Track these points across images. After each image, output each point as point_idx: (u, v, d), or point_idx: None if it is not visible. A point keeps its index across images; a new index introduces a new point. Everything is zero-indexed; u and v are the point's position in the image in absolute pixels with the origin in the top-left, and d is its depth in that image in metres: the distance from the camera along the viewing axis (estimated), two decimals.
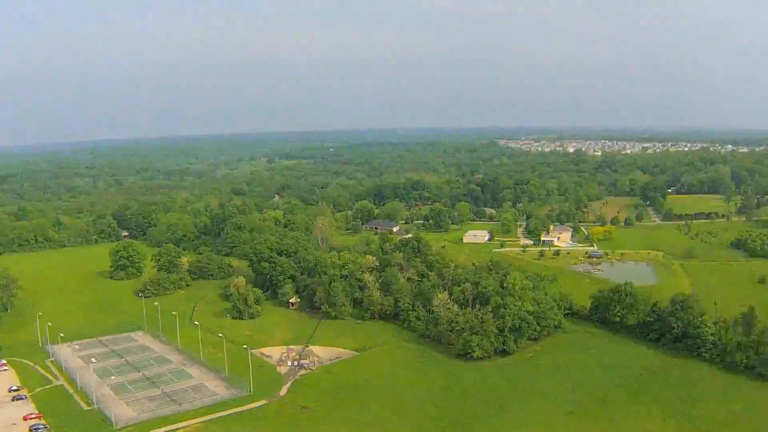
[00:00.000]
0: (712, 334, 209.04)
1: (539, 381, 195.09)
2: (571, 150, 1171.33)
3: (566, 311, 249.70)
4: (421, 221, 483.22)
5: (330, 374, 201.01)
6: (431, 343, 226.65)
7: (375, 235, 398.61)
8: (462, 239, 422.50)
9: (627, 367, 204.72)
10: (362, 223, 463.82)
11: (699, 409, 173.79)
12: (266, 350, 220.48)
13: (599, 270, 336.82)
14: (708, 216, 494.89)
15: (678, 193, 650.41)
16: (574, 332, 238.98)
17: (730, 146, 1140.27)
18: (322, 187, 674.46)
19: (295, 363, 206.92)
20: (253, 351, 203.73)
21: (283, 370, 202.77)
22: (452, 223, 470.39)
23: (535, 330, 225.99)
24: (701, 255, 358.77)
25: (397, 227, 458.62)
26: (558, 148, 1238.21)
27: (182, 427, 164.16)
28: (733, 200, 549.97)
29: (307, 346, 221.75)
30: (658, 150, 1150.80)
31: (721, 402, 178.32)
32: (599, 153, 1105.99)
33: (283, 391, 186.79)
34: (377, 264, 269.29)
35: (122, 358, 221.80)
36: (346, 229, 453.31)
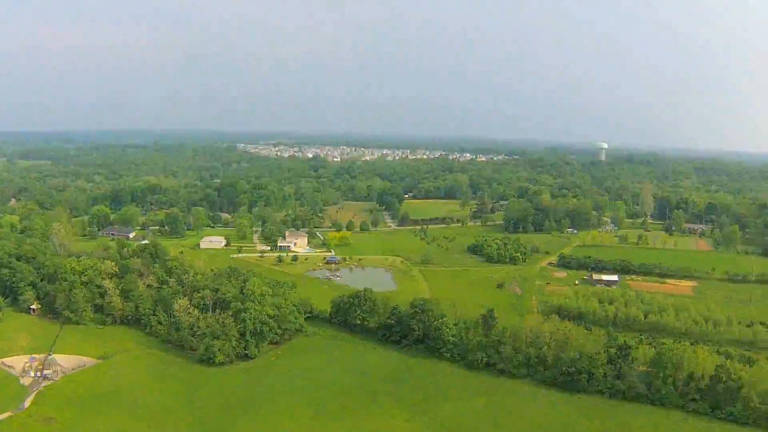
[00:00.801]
0: (452, 335, 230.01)
1: (283, 384, 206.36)
2: (310, 155, 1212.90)
3: (307, 315, 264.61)
4: (157, 227, 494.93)
5: (74, 383, 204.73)
6: (174, 348, 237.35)
7: (112, 241, 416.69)
8: (199, 245, 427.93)
9: (370, 369, 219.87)
10: (99, 229, 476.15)
11: (444, 408, 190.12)
12: (8, 360, 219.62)
13: (338, 276, 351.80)
14: (443, 221, 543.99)
15: (415, 198, 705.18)
16: (316, 335, 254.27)
17: (468, 155, 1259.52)
18: (61, 190, 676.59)
19: (39, 373, 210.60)
20: None
21: (26, 381, 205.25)
22: (188, 229, 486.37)
23: (277, 333, 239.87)
24: (439, 260, 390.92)
25: (133, 233, 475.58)
26: (297, 154, 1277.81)
27: None
28: (469, 205, 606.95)
29: (50, 355, 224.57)
30: (397, 157, 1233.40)
31: (465, 399, 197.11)
32: (338, 159, 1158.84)
33: (28, 402, 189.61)
34: (117, 270, 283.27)
35: None
36: (83, 235, 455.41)
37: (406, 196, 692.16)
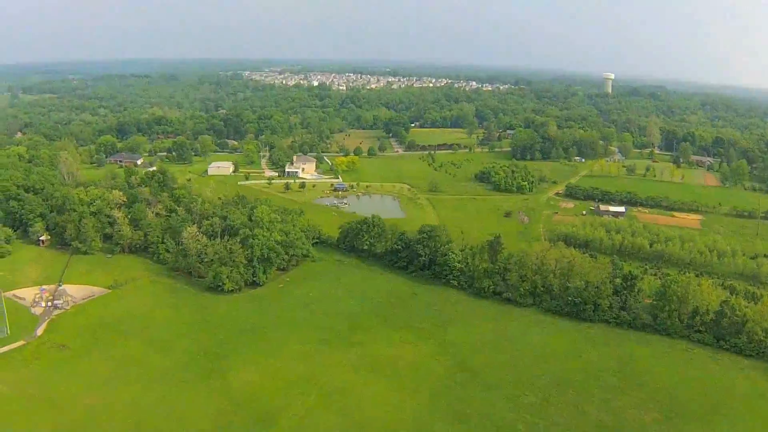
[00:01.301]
0: (458, 261, 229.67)
1: (291, 310, 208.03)
2: (316, 83, 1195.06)
3: (315, 240, 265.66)
4: (165, 153, 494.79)
5: (85, 313, 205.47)
6: (182, 276, 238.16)
7: (119, 168, 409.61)
8: (207, 171, 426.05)
9: (377, 294, 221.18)
10: (106, 157, 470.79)
11: (450, 332, 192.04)
12: (19, 292, 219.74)
13: (346, 204, 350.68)
14: (451, 146, 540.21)
15: (422, 128, 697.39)
16: (323, 261, 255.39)
17: (474, 83, 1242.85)
18: (66, 124, 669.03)
19: (49, 303, 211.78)
20: (6, 294, 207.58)
21: (37, 311, 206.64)
22: (195, 155, 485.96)
23: (284, 259, 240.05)
24: (447, 188, 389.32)
25: (141, 159, 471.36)
26: (302, 81, 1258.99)
27: None
28: (476, 133, 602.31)
29: (60, 286, 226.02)
30: (403, 85, 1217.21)
31: (472, 325, 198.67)
32: (344, 87, 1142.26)
33: (40, 330, 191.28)
34: (125, 199, 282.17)
35: None
36: (91, 163, 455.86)
37: (413, 125, 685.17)
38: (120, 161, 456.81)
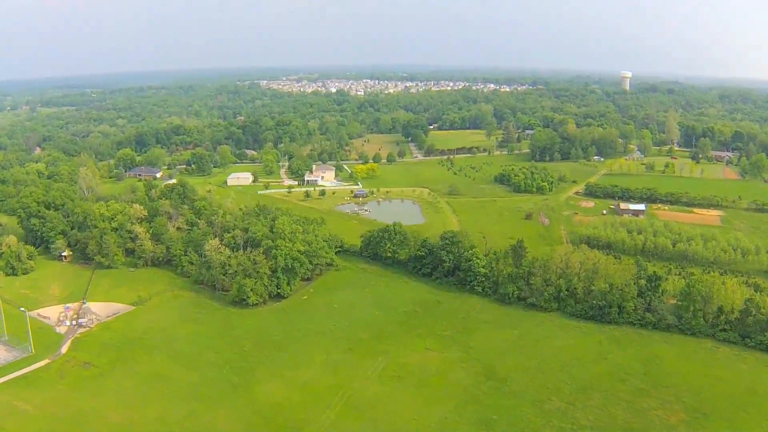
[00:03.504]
0: (483, 266, 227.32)
1: (316, 321, 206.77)
2: (334, 90, 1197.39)
3: (337, 249, 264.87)
4: (184, 165, 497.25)
5: (109, 330, 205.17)
6: (206, 289, 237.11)
7: (139, 181, 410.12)
8: (226, 182, 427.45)
9: (402, 302, 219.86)
10: (125, 171, 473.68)
11: (475, 340, 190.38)
12: (44, 311, 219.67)
13: (366, 210, 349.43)
14: (470, 150, 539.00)
15: (440, 129, 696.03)
16: (347, 269, 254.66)
17: (492, 85, 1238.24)
18: (84, 136, 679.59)
19: (74, 322, 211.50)
20: (30, 313, 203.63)
21: (62, 330, 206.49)
22: (214, 167, 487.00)
23: (308, 269, 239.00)
24: (467, 191, 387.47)
25: (160, 172, 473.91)
26: (320, 89, 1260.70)
27: None
28: (495, 135, 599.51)
29: (84, 304, 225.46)
30: (421, 89, 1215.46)
31: (497, 330, 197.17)
32: (362, 93, 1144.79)
33: (64, 349, 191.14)
34: (146, 214, 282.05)
35: None
36: (110, 177, 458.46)
37: (431, 127, 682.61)
38: (139, 175, 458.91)
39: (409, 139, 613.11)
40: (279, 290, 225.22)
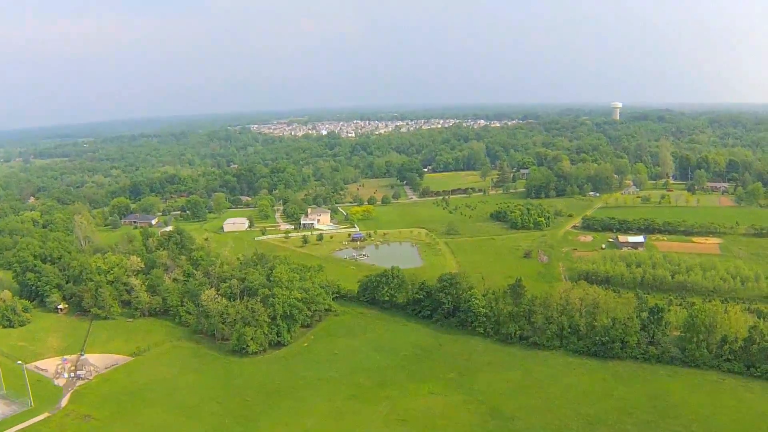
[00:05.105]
0: (482, 307, 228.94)
1: (318, 369, 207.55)
2: (325, 132, 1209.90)
3: (335, 295, 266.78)
4: (179, 212, 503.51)
5: (108, 382, 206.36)
6: (205, 339, 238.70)
7: (135, 229, 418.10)
8: (222, 228, 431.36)
9: (403, 347, 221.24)
10: (120, 218, 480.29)
11: (479, 381, 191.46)
12: (41, 363, 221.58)
13: (365, 256, 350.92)
14: (465, 191, 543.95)
15: (434, 171, 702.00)
16: (346, 314, 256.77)
17: (482, 121, 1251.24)
18: (78, 186, 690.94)
19: (72, 374, 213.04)
20: (27, 366, 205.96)
21: (60, 382, 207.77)
22: (209, 212, 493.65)
23: (307, 316, 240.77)
24: (464, 230, 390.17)
25: (155, 219, 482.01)
26: (311, 131, 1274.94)
27: None
28: (490, 175, 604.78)
29: (82, 356, 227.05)
30: (411, 128, 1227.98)
31: (500, 372, 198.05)
32: (353, 134, 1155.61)
33: (64, 402, 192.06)
34: (143, 265, 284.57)
35: None
36: (105, 225, 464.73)
37: (426, 169, 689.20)
38: (135, 222, 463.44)
39: (404, 182, 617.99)
40: (279, 338, 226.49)
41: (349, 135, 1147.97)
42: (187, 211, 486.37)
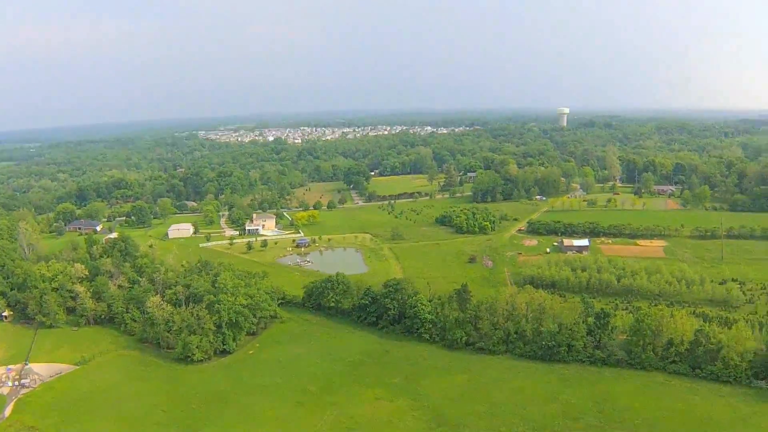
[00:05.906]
0: (428, 313, 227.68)
1: (263, 376, 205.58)
2: (271, 138, 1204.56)
3: (280, 301, 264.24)
4: (124, 218, 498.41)
5: (53, 391, 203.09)
6: (151, 347, 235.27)
7: (79, 236, 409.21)
8: (167, 234, 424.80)
9: (349, 352, 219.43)
10: (65, 225, 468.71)
11: (425, 387, 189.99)
12: None
13: (309, 262, 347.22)
14: (411, 195, 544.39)
15: (381, 175, 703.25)
16: (291, 321, 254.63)
17: (429, 128, 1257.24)
18: (24, 191, 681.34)
19: (16, 383, 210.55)
20: None
21: (4, 391, 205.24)
22: (155, 218, 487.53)
23: (252, 323, 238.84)
24: (409, 235, 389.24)
25: (100, 225, 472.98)
26: (258, 138, 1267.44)
27: None
28: (436, 179, 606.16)
29: (27, 365, 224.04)
30: (358, 134, 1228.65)
31: (446, 377, 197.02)
32: (299, 141, 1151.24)
33: (7, 411, 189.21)
34: (87, 273, 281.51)
35: None
36: (50, 232, 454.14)
37: (372, 173, 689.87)
38: (79, 228, 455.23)
39: (351, 186, 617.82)
40: (225, 346, 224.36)
41: (296, 141, 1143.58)
42: (133, 217, 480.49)
